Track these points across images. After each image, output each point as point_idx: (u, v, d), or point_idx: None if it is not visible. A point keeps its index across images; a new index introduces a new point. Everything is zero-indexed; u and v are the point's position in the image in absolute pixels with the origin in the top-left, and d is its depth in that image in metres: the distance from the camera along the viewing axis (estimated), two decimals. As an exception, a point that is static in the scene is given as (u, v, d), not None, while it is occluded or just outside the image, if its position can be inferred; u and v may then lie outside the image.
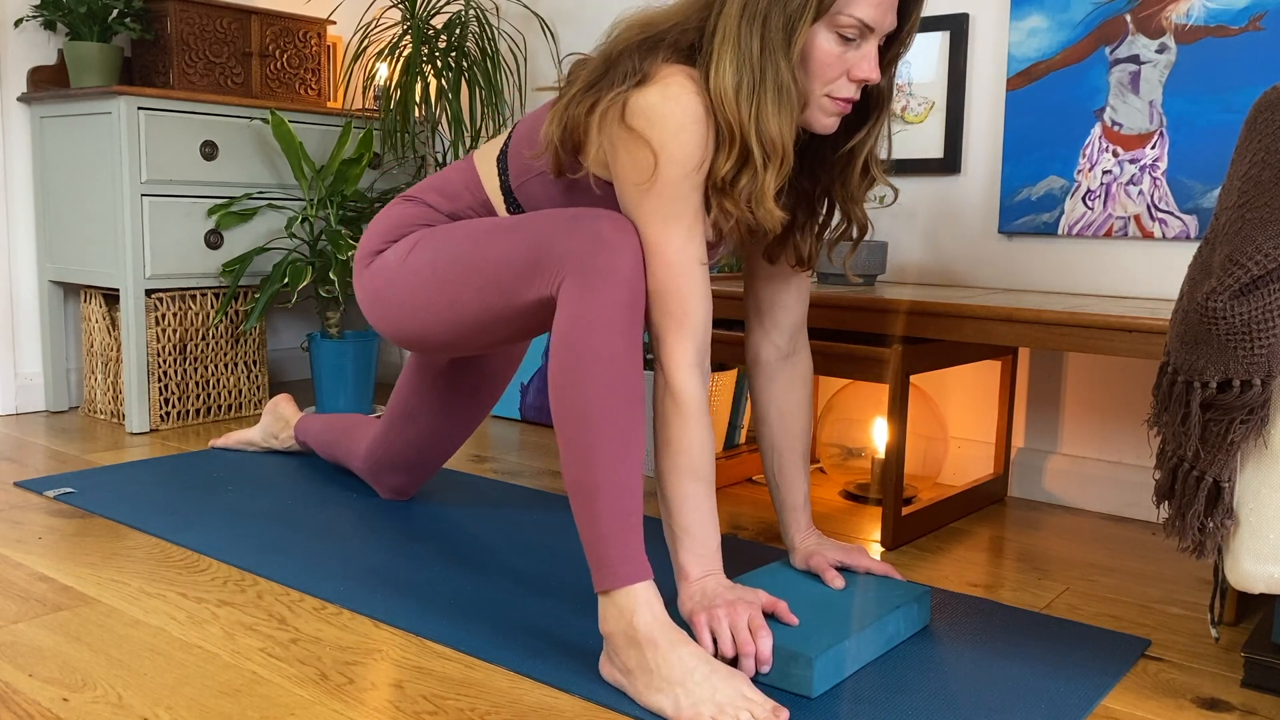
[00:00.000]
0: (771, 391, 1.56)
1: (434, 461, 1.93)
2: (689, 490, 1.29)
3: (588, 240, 1.25)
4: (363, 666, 1.31)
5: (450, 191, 1.55)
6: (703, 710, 1.16)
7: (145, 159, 2.52)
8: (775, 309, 1.55)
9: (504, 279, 1.34)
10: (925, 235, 2.28)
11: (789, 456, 1.55)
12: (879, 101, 1.40)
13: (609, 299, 1.23)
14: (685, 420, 1.28)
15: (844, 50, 1.28)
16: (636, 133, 1.25)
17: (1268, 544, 1.15)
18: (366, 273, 1.57)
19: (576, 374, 1.23)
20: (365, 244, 1.59)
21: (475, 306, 1.39)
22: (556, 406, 1.26)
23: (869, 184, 1.44)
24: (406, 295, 1.47)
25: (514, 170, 1.47)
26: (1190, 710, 1.26)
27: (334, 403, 2.72)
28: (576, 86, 1.32)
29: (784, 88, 1.25)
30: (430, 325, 1.46)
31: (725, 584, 1.30)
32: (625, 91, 1.26)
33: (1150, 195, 1.99)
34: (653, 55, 1.28)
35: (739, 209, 1.28)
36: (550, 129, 1.35)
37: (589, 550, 1.25)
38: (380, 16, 2.93)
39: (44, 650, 1.33)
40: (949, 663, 1.36)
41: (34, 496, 2.00)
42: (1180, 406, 1.16)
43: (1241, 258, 1.07)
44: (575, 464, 1.24)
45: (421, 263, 1.46)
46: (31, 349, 2.81)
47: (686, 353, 1.28)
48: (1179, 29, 1.94)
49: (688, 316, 1.28)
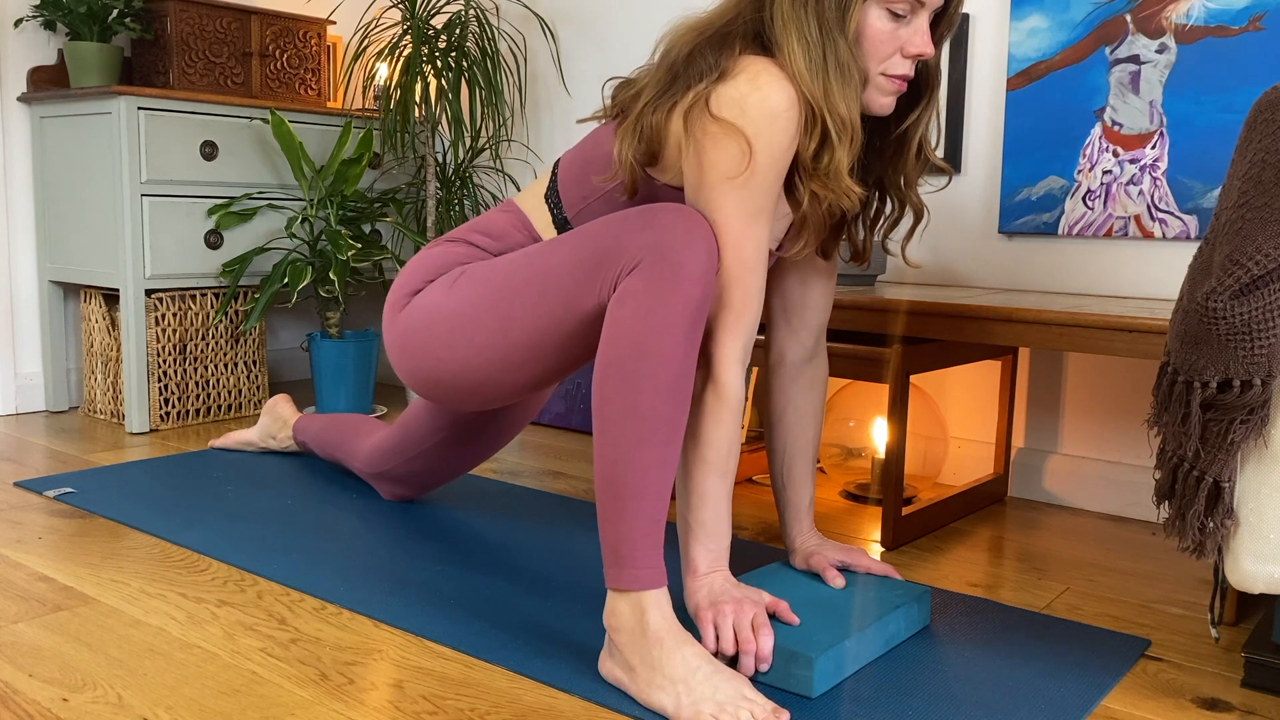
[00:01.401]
0: (792, 393, 1.55)
1: (437, 483, 1.94)
2: (712, 485, 1.29)
3: (661, 234, 1.21)
4: (363, 666, 1.31)
5: (496, 232, 1.48)
6: (703, 709, 1.16)
7: (145, 159, 2.52)
8: (805, 309, 1.55)
9: (564, 284, 1.29)
10: (925, 235, 2.28)
11: (799, 459, 1.55)
12: (929, 82, 1.41)
13: (680, 297, 1.20)
14: (723, 415, 1.28)
15: (896, 27, 1.29)
16: (728, 123, 1.23)
17: (1268, 544, 1.15)
18: (401, 315, 1.47)
19: (634, 371, 1.20)
20: (400, 286, 1.50)
21: (528, 324, 1.32)
22: (604, 398, 1.22)
23: (924, 166, 1.45)
24: (448, 327, 1.40)
25: (568, 201, 1.43)
26: (1190, 710, 1.26)
27: (334, 403, 2.72)
28: (646, 98, 1.31)
29: (845, 65, 1.26)
30: (473, 358, 1.38)
31: (732, 581, 1.31)
32: (708, 87, 1.25)
33: (1150, 195, 1.99)
34: (728, 49, 1.27)
35: (827, 190, 1.28)
36: (624, 146, 1.32)
37: (608, 545, 1.24)
38: (380, 16, 2.93)
39: (44, 650, 1.33)
40: (949, 663, 1.36)
41: (34, 496, 2.00)
42: (1180, 406, 1.16)
43: (1241, 258, 1.07)
44: (613, 459, 1.22)
45: (469, 290, 1.38)
46: (31, 349, 2.81)
47: (736, 349, 1.28)
48: (1179, 29, 1.94)
49: (746, 312, 1.28)
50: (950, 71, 2.21)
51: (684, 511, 1.31)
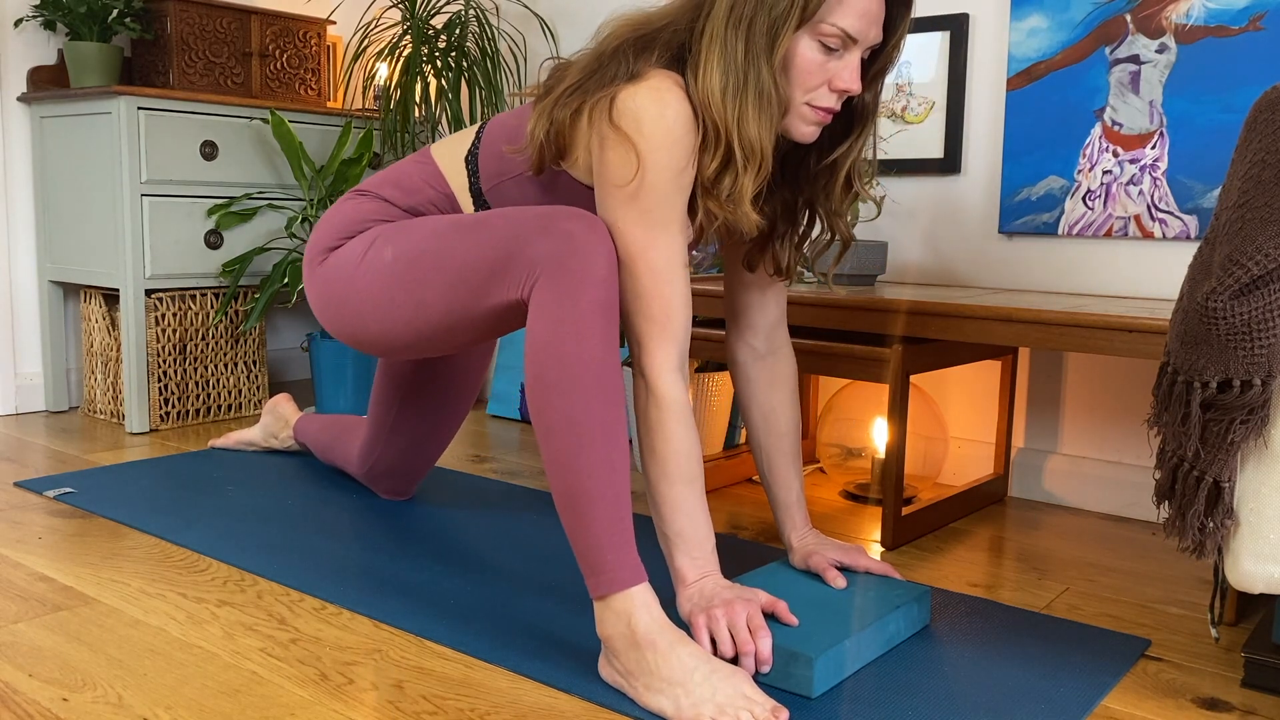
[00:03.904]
0: (752, 392, 1.57)
1: (425, 463, 1.94)
2: (679, 494, 1.29)
3: (560, 242, 1.23)
4: (363, 666, 1.31)
5: (408, 186, 1.50)
6: (703, 710, 1.15)
7: (145, 159, 2.52)
8: (749, 311, 1.56)
9: (471, 280, 1.31)
10: (925, 235, 2.28)
11: (777, 455, 1.56)
12: (864, 115, 1.40)
13: (586, 303, 1.21)
14: (670, 424, 1.28)
15: (826, 59, 1.28)
16: (624, 134, 1.24)
17: (1268, 544, 1.15)
18: (319, 271, 1.50)
19: (558, 381, 1.22)
20: (316, 240, 1.53)
21: (440, 308, 1.35)
22: (539, 415, 1.24)
23: (852, 197, 1.45)
24: (365, 295, 1.43)
25: (486, 173, 1.45)
26: (1190, 710, 1.26)
27: (334, 403, 2.72)
28: (564, 85, 1.31)
29: (765, 92, 1.25)
30: (392, 327, 1.42)
31: (723, 584, 1.30)
32: (615, 89, 1.25)
33: (1150, 195, 1.99)
34: (646, 55, 1.28)
35: (722, 210, 1.28)
36: (536, 126, 1.33)
37: (582, 557, 1.24)
38: (380, 16, 2.93)
39: (44, 650, 1.33)
40: (949, 663, 1.35)
41: (34, 496, 2.00)
42: (1180, 406, 1.16)
43: (1241, 257, 1.07)
44: (562, 472, 1.23)
45: (381, 261, 1.41)
46: (31, 349, 2.81)
47: (669, 357, 1.28)
48: (1179, 29, 1.94)
49: (670, 321, 1.28)
50: (950, 71, 2.21)
51: (660, 525, 1.31)
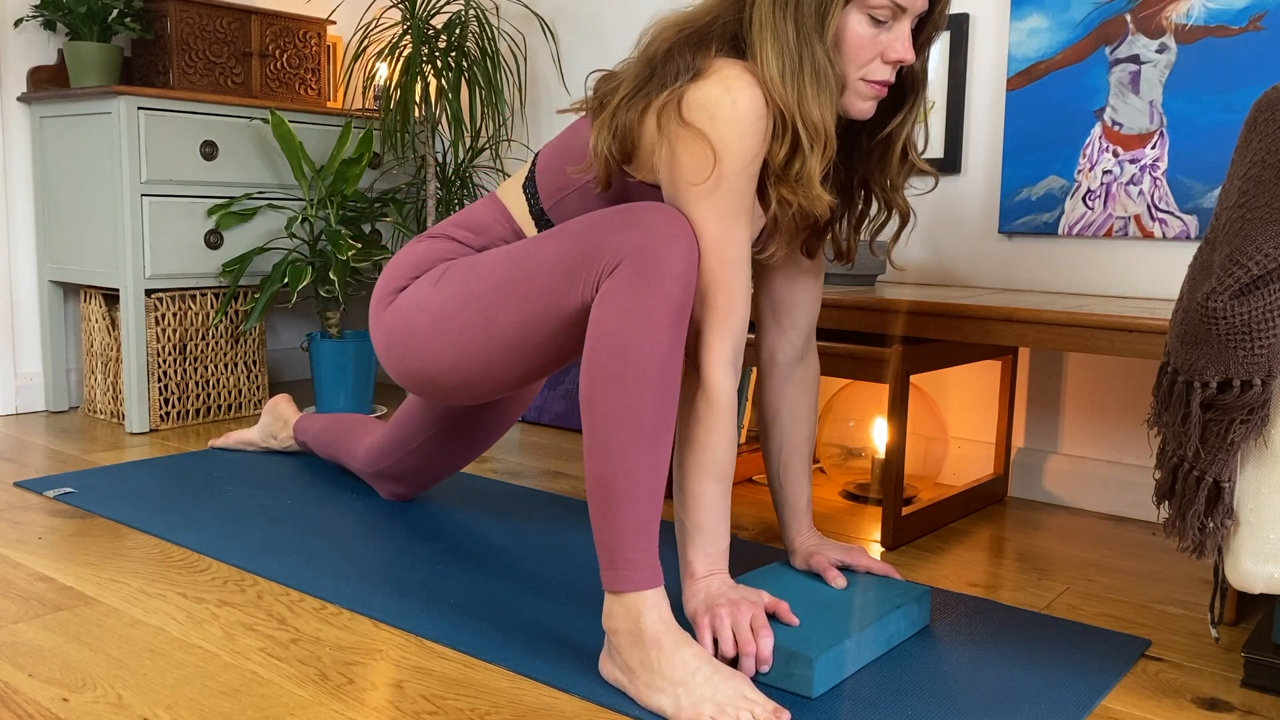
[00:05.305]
0: (784, 393, 1.55)
1: (436, 480, 1.94)
2: (708, 489, 1.29)
3: (643, 233, 1.21)
4: (363, 666, 1.31)
5: (477, 226, 1.48)
6: (703, 710, 1.15)
7: (145, 159, 2.52)
8: (794, 309, 1.54)
9: (547, 282, 1.29)
10: (925, 235, 2.28)
11: (795, 459, 1.55)
12: (914, 86, 1.39)
13: (660, 296, 1.20)
14: (715, 419, 1.27)
15: (877, 32, 1.28)
16: (696, 129, 1.23)
17: (1268, 544, 1.15)
18: (387, 313, 1.47)
19: (619, 371, 1.20)
20: (385, 283, 1.50)
21: (513, 323, 1.33)
22: (591, 401, 1.22)
23: (909, 170, 1.44)
24: (434, 325, 1.40)
25: (545, 192, 1.43)
26: (1190, 710, 1.26)
27: (334, 403, 2.72)
28: (623, 93, 1.30)
29: (821, 71, 1.25)
30: (460, 356, 1.38)
31: (729, 584, 1.30)
32: (681, 88, 1.24)
33: (1150, 195, 1.99)
34: (704, 50, 1.27)
35: (795, 196, 1.27)
36: (599, 139, 1.31)
37: (603, 548, 1.24)
38: (380, 16, 2.93)
39: (44, 650, 1.33)
40: (949, 663, 1.35)
41: (34, 496, 2.00)
42: (1180, 406, 1.16)
43: (1241, 257, 1.07)
44: (602, 462, 1.22)
45: (453, 288, 1.38)
46: (31, 349, 2.81)
47: (725, 350, 1.28)
48: (1179, 29, 1.94)
49: (732, 314, 1.27)
50: (950, 71, 2.21)
51: (681, 515, 1.31)
